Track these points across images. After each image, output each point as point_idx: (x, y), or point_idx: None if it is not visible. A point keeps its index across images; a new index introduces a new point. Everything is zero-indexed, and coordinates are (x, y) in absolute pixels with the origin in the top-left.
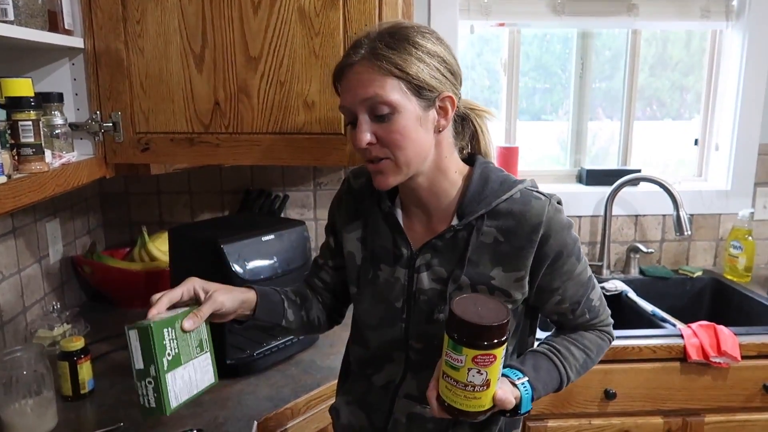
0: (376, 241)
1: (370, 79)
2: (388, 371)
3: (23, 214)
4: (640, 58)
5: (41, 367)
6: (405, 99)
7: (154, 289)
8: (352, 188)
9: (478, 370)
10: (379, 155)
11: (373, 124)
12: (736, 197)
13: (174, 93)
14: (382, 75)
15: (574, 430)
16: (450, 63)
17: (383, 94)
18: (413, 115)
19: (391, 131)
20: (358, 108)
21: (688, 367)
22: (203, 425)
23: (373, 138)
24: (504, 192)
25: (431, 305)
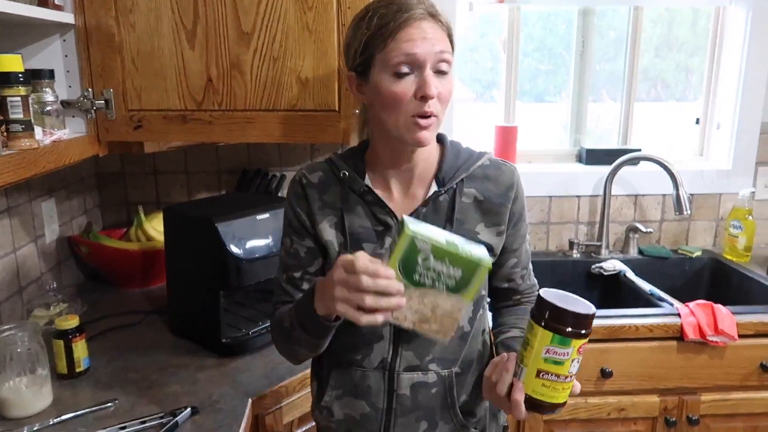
0: (355, 222)
1: (440, 35)
2: (378, 350)
3: (18, 193)
4: (645, 38)
5: (35, 345)
6: (452, 64)
7: (150, 268)
8: (311, 182)
9: (578, 360)
10: (433, 111)
11: (434, 77)
12: (737, 176)
13: (166, 69)
14: (444, 35)
15: (570, 409)
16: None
17: (449, 51)
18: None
19: (447, 89)
20: (429, 59)
21: (685, 346)
22: (197, 403)
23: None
24: (475, 161)
25: None
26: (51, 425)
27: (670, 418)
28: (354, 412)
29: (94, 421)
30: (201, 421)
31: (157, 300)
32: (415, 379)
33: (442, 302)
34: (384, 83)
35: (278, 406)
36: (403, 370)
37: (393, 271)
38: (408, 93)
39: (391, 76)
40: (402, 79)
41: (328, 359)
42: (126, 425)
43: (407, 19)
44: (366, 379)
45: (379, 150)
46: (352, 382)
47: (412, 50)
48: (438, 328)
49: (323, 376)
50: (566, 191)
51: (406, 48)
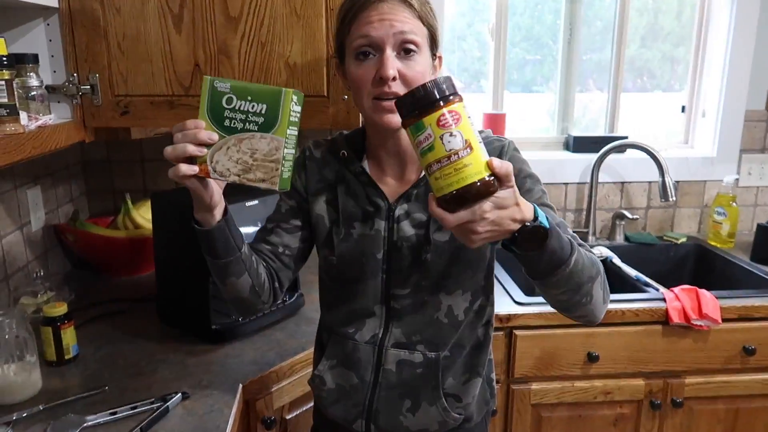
0: (348, 201)
1: (404, 16)
2: (369, 325)
3: (2, 180)
4: (631, 28)
5: (23, 332)
6: (425, 45)
7: (138, 257)
8: (314, 156)
9: (450, 133)
10: (397, 92)
11: (396, 60)
12: (722, 164)
13: (153, 54)
14: (413, 16)
15: (557, 392)
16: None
17: (416, 31)
18: (428, 63)
19: (414, 69)
20: (388, 40)
21: (670, 330)
22: (188, 388)
23: (396, 73)
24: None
25: (412, 251)
26: (41, 411)
27: (655, 401)
28: (344, 383)
29: (85, 407)
30: (192, 406)
31: (144, 288)
32: (401, 356)
33: (258, 144)
34: (350, 67)
35: (269, 392)
36: (391, 346)
37: (201, 122)
38: (368, 75)
39: (355, 60)
40: (363, 61)
41: (328, 330)
42: (117, 411)
43: (366, 1)
44: (357, 351)
45: (369, 133)
46: (344, 353)
47: (368, 32)
48: (263, 176)
49: (323, 346)
50: (553, 178)
51: (363, 30)
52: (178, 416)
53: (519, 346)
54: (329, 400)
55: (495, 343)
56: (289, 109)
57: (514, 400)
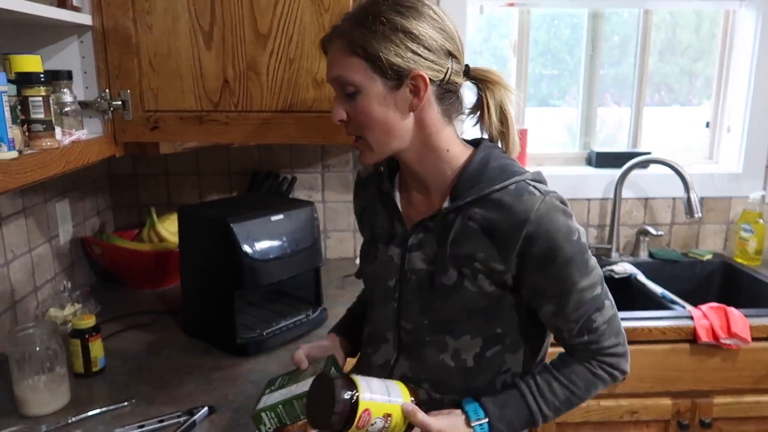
0: (376, 221)
1: (337, 57)
2: (383, 351)
3: (33, 194)
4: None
5: (54, 344)
6: (368, 79)
7: (162, 269)
8: (360, 177)
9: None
10: (352, 133)
11: (344, 102)
12: (748, 180)
13: (183, 71)
14: (347, 55)
15: (582, 411)
16: (425, 38)
17: (347, 74)
18: (378, 96)
19: (356, 111)
20: (333, 85)
21: (698, 349)
22: (213, 402)
23: (344, 115)
24: (501, 181)
25: (421, 285)
26: (70, 423)
27: (683, 421)
28: None
29: (112, 419)
30: (218, 420)
31: (169, 300)
32: None
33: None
34: None
35: None
36: (399, 378)
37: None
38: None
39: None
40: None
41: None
42: (144, 424)
43: (323, 42)
44: (373, 372)
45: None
46: (362, 370)
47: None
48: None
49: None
50: (576, 194)
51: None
52: (205, 430)
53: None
54: None
55: None
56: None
57: None
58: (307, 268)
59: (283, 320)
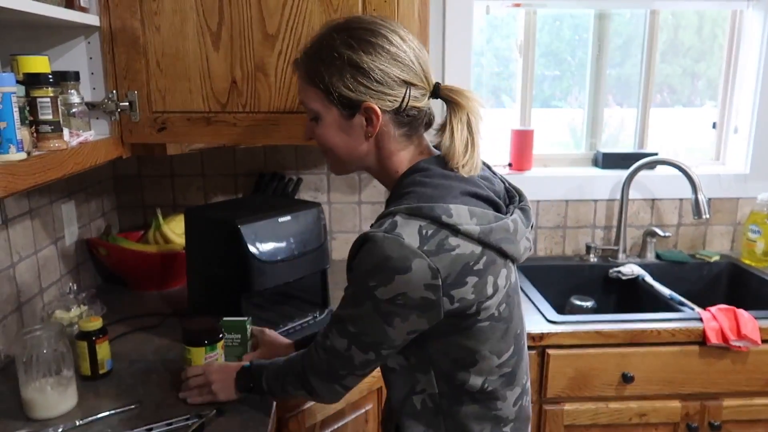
0: None
1: (300, 85)
2: None
3: (39, 195)
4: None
5: (61, 346)
6: (325, 108)
7: (168, 271)
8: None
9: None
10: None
11: (310, 124)
12: (755, 181)
13: (191, 71)
14: (306, 83)
15: (591, 414)
16: (374, 71)
17: (307, 101)
18: (334, 123)
19: (317, 134)
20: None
21: (707, 351)
22: (222, 405)
23: (311, 134)
24: (386, 210)
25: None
26: (77, 426)
27: (692, 424)
28: None
29: (120, 422)
30: (226, 423)
31: (175, 302)
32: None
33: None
34: None
35: (301, 409)
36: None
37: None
38: None
39: None
40: None
41: None
42: (152, 427)
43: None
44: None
45: None
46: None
47: None
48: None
49: None
50: (582, 195)
51: None
52: None
53: (552, 365)
54: None
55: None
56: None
57: (546, 421)
58: (315, 269)
59: (290, 322)
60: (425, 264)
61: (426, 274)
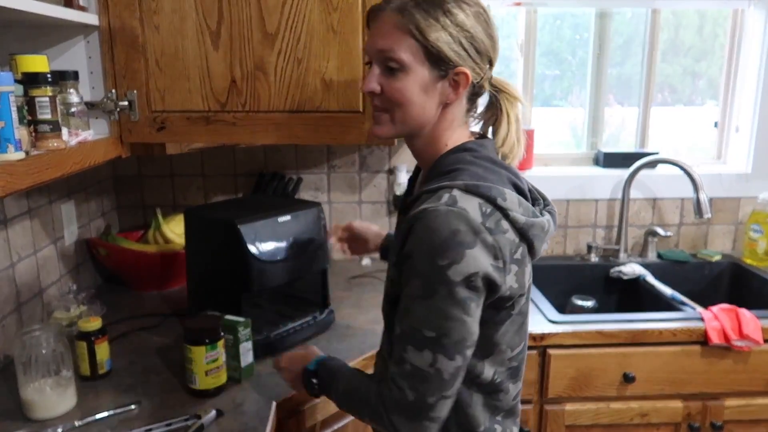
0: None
1: (390, 32)
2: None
3: (38, 195)
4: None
5: (60, 346)
6: (416, 62)
7: (168, 271)
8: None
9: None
10: (378, 105)
11: (381, 75)
12: (757, 180)
13: (190, 71)
14: (402, 32)
15: (592, 414)
16: (478, 40)
17: (397, 50)
18: (420, 80)
19: (393, 87)
20: (373, 55)
21: (709, 351)
22: (222, 406)
23: (377, 88)
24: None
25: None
26: (76, 427)
27: (694, 424)
28: None
29: (120, 423)
30: (226, 424)
31: (175, 302)
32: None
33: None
34: None
35: (301, 410)
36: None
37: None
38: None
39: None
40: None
41: None
42: (152, 428)
43: (376, 10)
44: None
45: None
46: None
47: (366, 44)
48: None
49: None
50: (584, 195)
51: (367, 41)
52: None
53: (553, 365)
54: None
55: (529, 363)
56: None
57: (547, 421)
58: (315, 269)
59: (290, 322)
60: (490, 240)
61: (491, 252)
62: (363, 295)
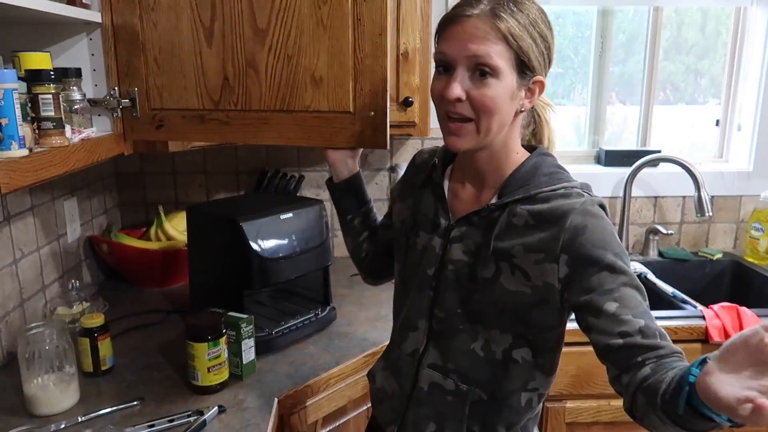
0: (421, 209)
1: (484, 36)
2: (412, 339)
3: (41, 192)
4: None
5: (63, 343)
6: (508, 69)
7: (170, 268)
8: (415, 163)
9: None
10: (464, 114)
11: (468, 81)
12: (759, 178)
13: (185, 68)
14: (498, 38)
15: (593, 411)
16: (551, 49)
17: (493, 55)
18: (508, 88)
19: (485, 94)
20: (461, 60)
21: (710, 349)
22: (224, 402)
23: (464, 95)
24: (549, 184)
25: (457, 276)
26: (79, 423)
27: None
28: (388, 386)
29: (122, 419)
30: (228, 420)
31: (177, 299)
32: (434, 379)
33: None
34: (433, 78)
35: (303, 406)
36: (427, 366)
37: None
38: (439, 90)
39: (435, 72)
40: (440, 76)
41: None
42: (154, 423)
43: (453, 16)
44: (400, 360)
45: None
46: (391, 359)
47: (442, 48)
48: None
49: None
50: None
51: (443, 46)
52: (215, 430)
53: None
54: (376, 399)
55: None
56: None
57: (548, 419)
58: (316, 266)
59: (292, 319)
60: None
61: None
62: (364, 292)
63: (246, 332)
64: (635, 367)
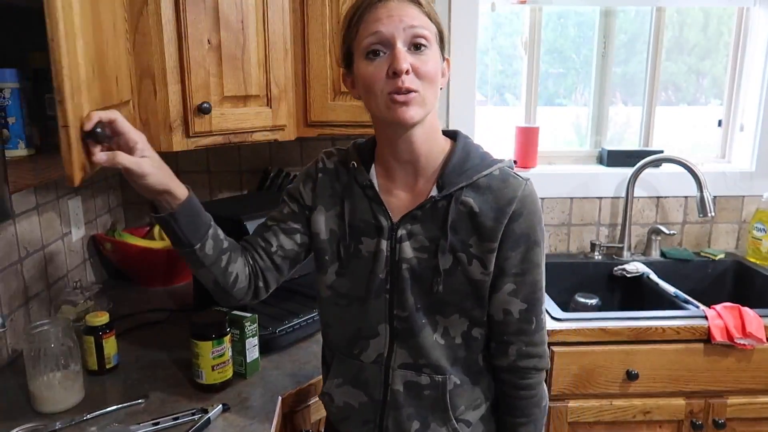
0: (357, 215)
1: (413, 12)
2: (374, 346)
3: (46, 191)
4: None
5: (68, 341)
6: (435, 43)
7: (173, 267)
8: (326, 167)
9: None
10: (410, 87)
11: (408, 54)
12: (761, 178)
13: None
14: (422, 13)
15: (595, 411)
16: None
17: (426, 26)
18: (438, 61)
19: (426, 63)
20: (398, 35)
21: (712, 349)
22: (228, 400)
23: (409, 67)
24: (484, 168)
25: (413, 273)
26: (84, 420)
27: (696, 421)
28: (353, 401)
29: (127, 417)
30: (232, 419)
31: (180, 298)
32: (408, 377)
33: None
34: (360, 68)
35: (306, 405)
36: (398, 367)
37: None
38: (380, 72)
39: (365, 60)
40: (374, 60)
41: (331, 349)
42: (159, 421)
43: (373, 1)
44: (364, 371)
45: (381, 141)
46: (350, 373)
47: (377, 28)
48: None
49: (329, 364)
50: (587, 192)
51: (372, 28)
52: (220, 428)
53: (556, 362)
54: (339, 417)
55: None
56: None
57: (550, 418)
58: None
59: (295, 318)
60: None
61: None
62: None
63: (250, 331)
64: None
